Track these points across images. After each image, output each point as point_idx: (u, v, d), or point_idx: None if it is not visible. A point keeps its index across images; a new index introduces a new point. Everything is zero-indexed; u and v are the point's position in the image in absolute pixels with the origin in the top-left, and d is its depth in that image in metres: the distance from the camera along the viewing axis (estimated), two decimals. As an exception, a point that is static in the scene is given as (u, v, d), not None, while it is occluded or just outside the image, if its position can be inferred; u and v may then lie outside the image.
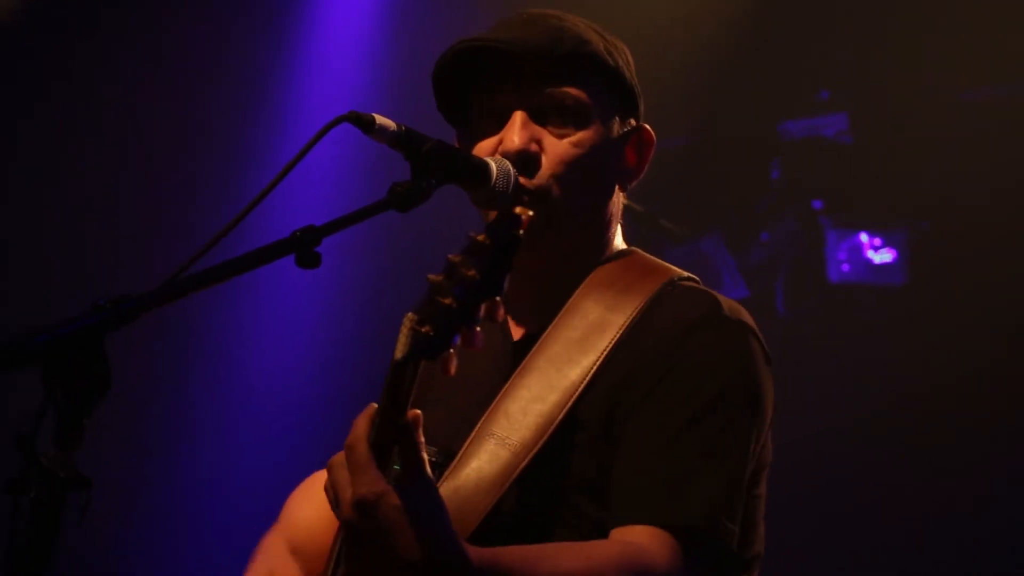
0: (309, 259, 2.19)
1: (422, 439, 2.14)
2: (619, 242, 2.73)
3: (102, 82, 6.83)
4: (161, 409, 6.88)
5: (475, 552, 2.18)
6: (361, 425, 2.14)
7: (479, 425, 2.49)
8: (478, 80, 2.61)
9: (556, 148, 2.56)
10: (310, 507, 2.42)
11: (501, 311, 2.02)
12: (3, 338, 1.98)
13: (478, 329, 2.01)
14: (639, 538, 2.35)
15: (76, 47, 6.79)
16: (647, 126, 2.72)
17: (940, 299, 6.81)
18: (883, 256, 6.87)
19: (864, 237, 6.91)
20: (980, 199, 6.67)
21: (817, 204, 7.08)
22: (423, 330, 1.99)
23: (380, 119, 2.34)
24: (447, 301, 1.97)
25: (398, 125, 2.36)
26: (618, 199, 2.71)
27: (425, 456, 2.15)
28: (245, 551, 2.79)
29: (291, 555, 2.67)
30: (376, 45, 7.17)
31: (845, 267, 6.96)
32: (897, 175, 6.87)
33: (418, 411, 2.12)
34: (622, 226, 2.76)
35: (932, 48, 6.79)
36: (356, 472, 2.11)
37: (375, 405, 2.15)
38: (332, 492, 2.17)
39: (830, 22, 6.97)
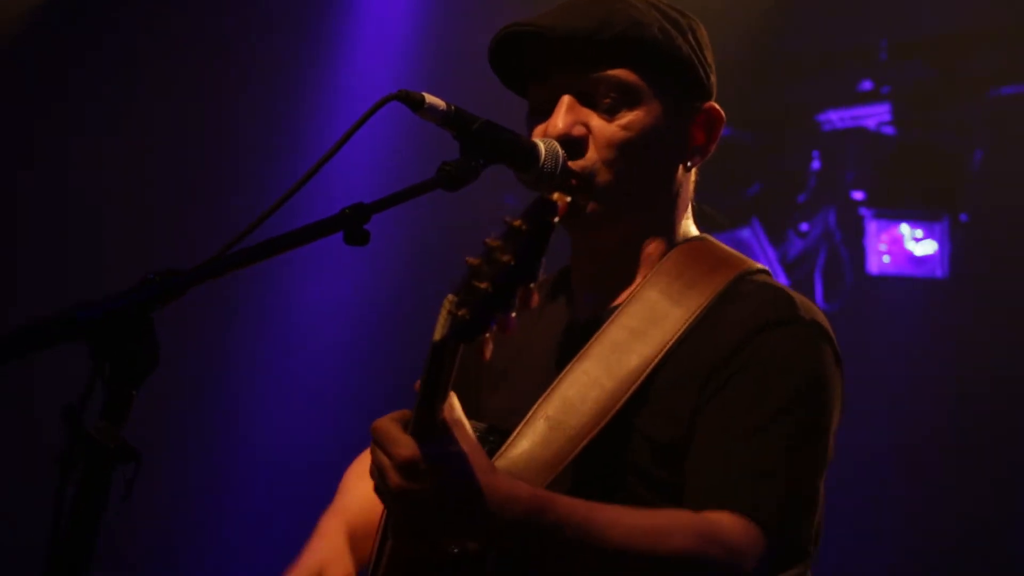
0: (358, 237, 2.19)
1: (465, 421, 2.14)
2: (691, 227, 2.70)
3: (134, 72, 6.86)
4: (199, 390, 6.91)
5: (528, 489, 2.19)
6: (383, 418, 2.16)
7: (535, 407, 2.47)
8: (530, 64, 2.60)
9: (604, 131, 2.53)
10: (365, 482, 2.42)
11: (535, 297, 2.01)
12: (52, 312, 1.98)
13: (513, 315, 2.00)
14: (718, 517, 2.33)
15: (110, 35, 6.82)
16: (715, 104, 2.66)
17: (981, 291, 6.77)
18: (925, 248, 6.83)
19: (905, 228, 6.87)
20: (1021, 191, 6.64)
21: (858, 195, 7.04)
22: (460, 313, 1.98)
23: (430, 98, 2.33)
24: (483, 285, 1.96)
25: (447, 104, 2.35)
26: (685, 179, 2.67)
27: (468, 427, 2.16)
28: (281, 531, 2.80)
29: (347, 540, 2.68)
30: (418, 28, 7.16)
31: (885, 258, 6.92)
32: (939, 166, 6.83)
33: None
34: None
35: (974, 41, 6.75)
36: (389, 443, 2.11)
37: (403, 412, 2.17)
38: (375, 472, 2.17)
39: (872, 11, 6.94)
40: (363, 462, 2.77)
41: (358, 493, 2.73)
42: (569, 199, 2.06)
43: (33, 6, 6.67)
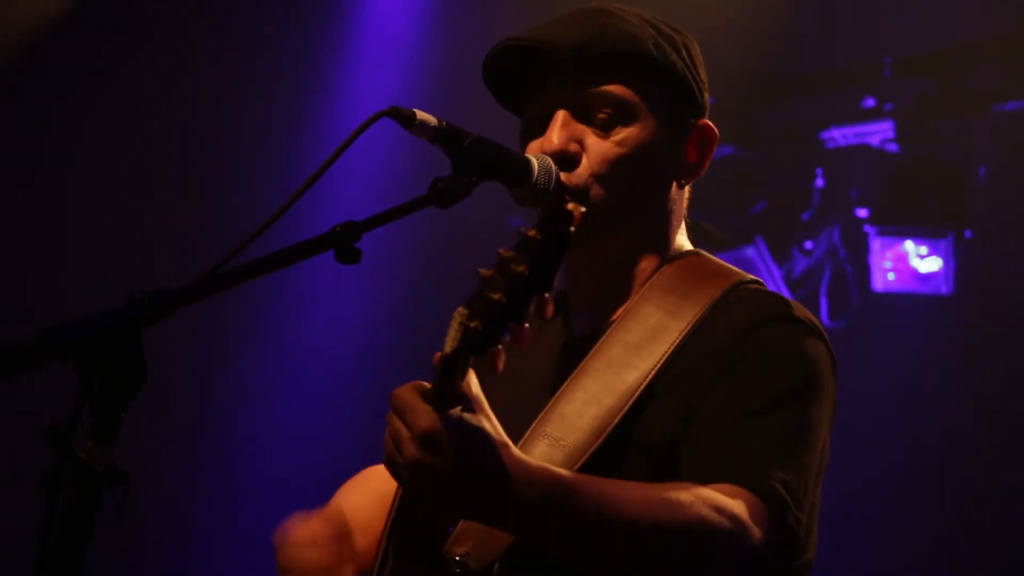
0: (349, 255, 2.17)
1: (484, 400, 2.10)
2: (684, 242, 2.68)
3: (140, 78, 6.88)
4: (203, 409, 6.92)
5: (541, 467, 2.15)
6: (403, 387, 2.10)
7: (534, 425, 2.44)
8: (526, 79, 2.59)
9: (598, 147, 2.51)
10: (356, 494, 2.39)
11: (550, 308, 1.98)
12: (40, 331, 1.96)
13: (527, 326, 1.97)
14: (725, 489, 2.29)
15: (116, 41, 6.84)
16: (708, 122, 2.65)
17: (987, 307, 6.75)
18: (929, 264, 6.80)
19: (909, 245, 6.84)
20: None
21: (862, 212, 7.02)
22: (472, 325, 1.96)
23: (421, 114, 2.31)
24: (496, 296, 1.94)
25: (439, 120, 2.33)
26: (678, 196, 2.65)
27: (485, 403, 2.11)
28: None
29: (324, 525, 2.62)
30: (421, 41, 7.17)
31: (891, 275, 6.90)
32: (943, 183, 6.80)
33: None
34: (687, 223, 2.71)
35: (977, 57, 6.74)
36: (408, 412, 2.05)
37: (418, 383, 2.11)
38: (390, 443, 2.10)
39: (874, 29, 6.93)
40: (356, 482, 2.75)
41: (344, 501, 2.68)
42: (584, 209, 2.04)
43: (38, 18, 6.69)
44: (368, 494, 2.57)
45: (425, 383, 2.10)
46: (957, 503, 6.67)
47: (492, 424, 2.12)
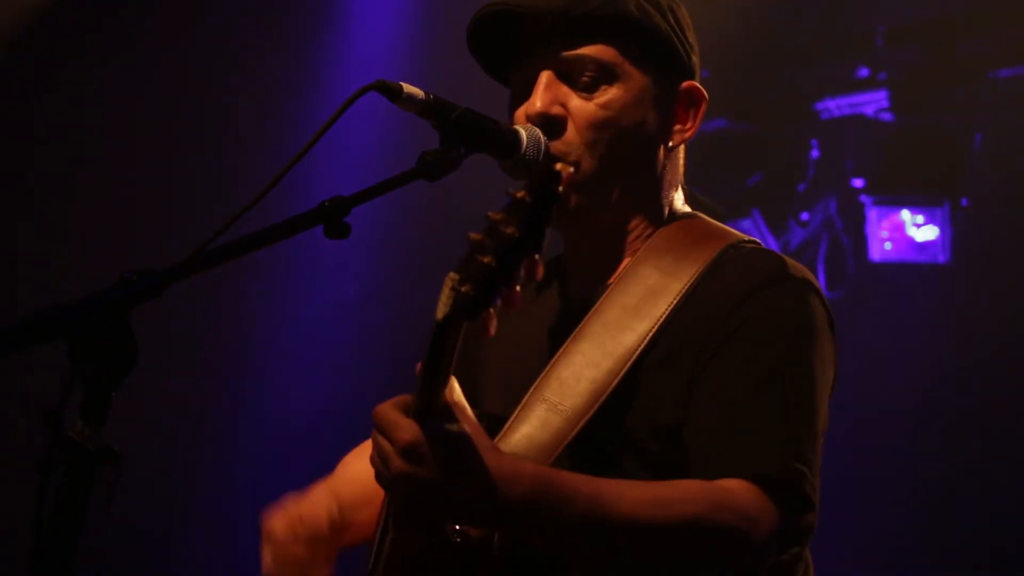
0: (338, 229, 2.16)
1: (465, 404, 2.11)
2: (681, 206, 2.68)
3: (131, 62, 6.88)
4: (206, 384, 6.93)
5: (532, 467, 2.16)
6: (383, 404, 2.13)
7: (532, 390, 2.45)
8: (510, 47, 2.58)
9: (583, 110, 2.51)
10: (361, 463, 2.39)
11: (540, 269, 1.97)
12: (31, 314, 1.95)
13: (518, 288, 1.97)
14: (728, 484, 2.30)
15: (105, 29, 6.84)
16: (696, 83, 2.63)
17: (984, 276, 6.75)
18: (926, 233, 6.79)
19: (906, 214, 6.84)
20: (1021, 173, 6.61)
21: (858, 182, 7.01)
22: (464, 289, 1.95)
23: (408, 87, 2.30)
24: (487, 259, 1.93)
25: (426, 93, 2.32)
26: (670, 160, 2.64)
27: (468, 409, 2.12)
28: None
29: (333, 497, 2.65)
30: (413, 19, 7.16)
31: (887, 245, 6.89)
32: (938, 151, 6.79)
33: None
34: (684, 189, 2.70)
35: (971, 24, 6.72)
36: (390, 428, 2.09)
37: (404, 397, 2.13)
38: (377, 459, 2.14)
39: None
40: (363, 449, 2.75)
41: (350, 469, 2.72)
42: (572, 169, 2.02)
43: (29, 5, 6.70)
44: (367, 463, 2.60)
45: (407, 396, 2.12)
46: (953, 472, 6.66)
47: (474, 427, 2.12)
